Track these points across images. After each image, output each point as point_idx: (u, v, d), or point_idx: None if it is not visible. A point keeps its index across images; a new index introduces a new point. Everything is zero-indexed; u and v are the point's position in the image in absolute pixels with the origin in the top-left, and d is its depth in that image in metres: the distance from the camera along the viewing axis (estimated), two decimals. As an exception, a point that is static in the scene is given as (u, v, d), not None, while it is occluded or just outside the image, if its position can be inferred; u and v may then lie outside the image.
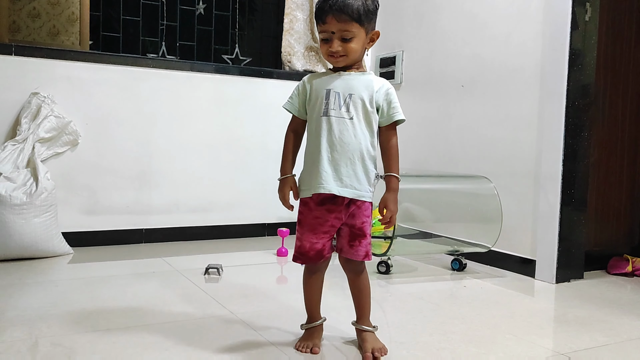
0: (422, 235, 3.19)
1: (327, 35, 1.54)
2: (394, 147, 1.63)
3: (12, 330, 1.73)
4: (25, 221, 2.57)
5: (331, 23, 1.51)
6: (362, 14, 1.51)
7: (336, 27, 1.51)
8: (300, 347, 1.61)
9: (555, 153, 2.52)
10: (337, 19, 1.50)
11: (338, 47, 1.53)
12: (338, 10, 1.50)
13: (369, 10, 1.53)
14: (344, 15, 1.49)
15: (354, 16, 1.50)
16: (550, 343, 1.77)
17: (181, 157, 3.23)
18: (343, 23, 1.50)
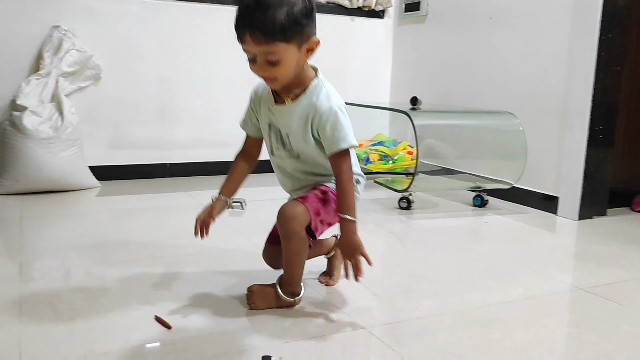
0: (444, 171, 3.18)
1: (251, 56, 1.25)
2: (344, 179, 1.34)
3: (45, 259, 1.80)
4: (53, 155, 2.62)
5: (249, 44, 1.21)
6: (288, 28, 1.19)
7: (256, 49, 1.21)
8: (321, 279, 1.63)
9: (584, 88, 2.45)
10: (255, 40, 1.19)
11: (265, 72, 1.26)
12: (255, 28, 1.18)
13: (297, 20, 1.20)
14: (263, 36, 1.18)
15: (276, 35, 1.18)
16: (570, 278, 1.78)
17: (203, 92, 3.22)
18: (264, 45, 1.19)
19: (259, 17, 1.17)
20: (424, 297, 1.57)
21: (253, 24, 1.17)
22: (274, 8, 1.17)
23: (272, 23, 1.17)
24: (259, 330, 1.33)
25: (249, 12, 1.18)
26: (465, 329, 1.37)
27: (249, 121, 1.50)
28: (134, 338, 1.26)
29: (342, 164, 1.34)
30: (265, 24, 1.17)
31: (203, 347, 1.23)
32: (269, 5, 1.17)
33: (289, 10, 1.18)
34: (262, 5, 1.17)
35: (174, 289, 1.56)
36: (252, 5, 1.18)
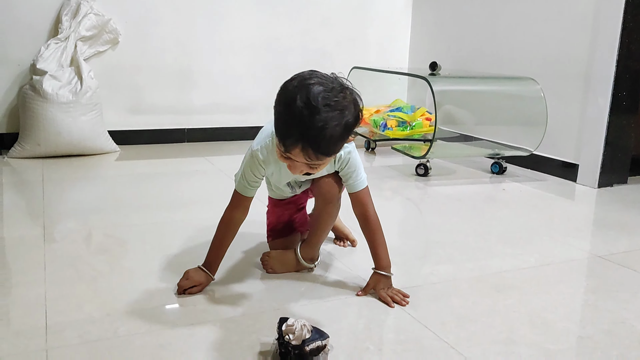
0: (462, 138, 3.15)
1: (287, 156, 1.13)
2: (374, 222, 1.35)
3: (67, 221, 1.84)
4: (73, 119, 2.64)
5: (297, 155, 1.10)
6: (341, 143, 1.12)
7: (303, 160, 1.11)
8: None
9: (609, 53, 2.39)
10: (306, 155, 1.09)
11: (301, 172, 1.17)
12: (308, 145, 1.07)
13: (350, 131, 1.11)
14: (316, 154, 1.08)
15: (330, 154, 1.12)
16: (588, 245, 1.78)
17: (220, 56, 3.20)
18: (315, 161, 1.11)
19: (316, 137, 1.05)
20: (440, 263, 1.58)
21: (308, 142, 1.06)
22: (332, 128, 1.06)
23: (328, 144, 1.08)
24: (276, 293, 1.35)
25: (303, 126, 1.05)
26: (481, 295, 1.38)
27: (254, 186, 1.34)
28: (155, 298, 1.29)
29: (368, 200, 1.35)
30: (322, 146, 1.07)
31: (221, 309, 1.25)
32: (327, 125, 1.05)
33: (345, 127, 1.09)
34: (320, 125, 1.05)
35: (192, 252, 1.59)
36: (308, 119, 1.05)
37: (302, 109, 1.05)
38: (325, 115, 1.05)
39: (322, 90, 1.06)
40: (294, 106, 1.05)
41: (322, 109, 1.05)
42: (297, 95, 1.06)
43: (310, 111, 1.05)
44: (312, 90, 1.06)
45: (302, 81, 1.08)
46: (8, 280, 1.38)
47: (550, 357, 1.10)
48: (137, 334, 1.13)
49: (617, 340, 1.18)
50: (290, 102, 1.06)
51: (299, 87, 1.07)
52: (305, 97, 1.05)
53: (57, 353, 1.05)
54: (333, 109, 1.06)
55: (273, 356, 1.05)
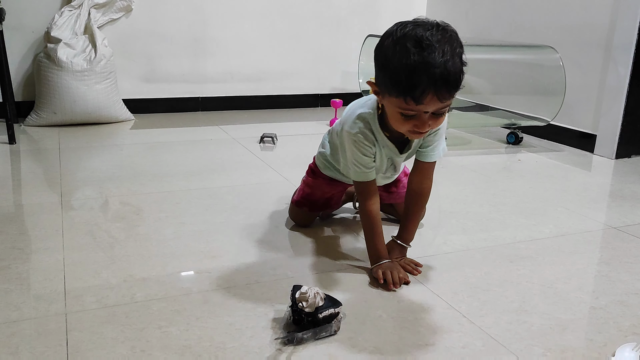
0: (478, 107, 3.11)
1: (415, 114, 1.09)
2: (428, 192, 1.35)
3: (84, 189, 1.86)
4: (88, 87, 2.65)
5: (430, 104, 1.06)
6: (463, 76, 1.08)
7: (437, 106, 1.07)
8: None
9: (631, 20, 2.33)
10: (441, 98, 1.05)
11: (429, 127, 1.12)
12: (443, 84, 1.03)
13: (464, 63, 1.09)
14: (449, 92, 1.06)
15: (459, 88, 1.08)
16: (603, 217, 1.76)
17: (234, 24, 3.17)
18: (448, 100, 1.07)
19: (444, 73, 1.02)
20: (453, 233, 1.58)
21: (439, 82, 1.03)
22: (452, 59, 1.04)
23: (456, 76, 1.05)
24: (290, 261, 1.36)
25: (429, 68, 1.02)
26: (494, 265, 1.38)
27: (372, 167, 1.29)
28: (170, 265, 1.31)
29: (431, 174, 1.35)
30: (452, 80, 1.04)
31: (236, 275, 1.27)
32: (448, 57, 1.03)
33: (460, 57, 1.07)
34: (443, 60, 1.03)
35: (207, 220, 1.61)
36: (430, 59, 1.02)
37: (419, 53, 1.03)
38: (442, 50, 1.03)
39: (425, 30, 1.05)
40: (409, 55, 1.03)
41: (437, 46, 1.03)
42: (406, 44, 1.04)
43: (428, 51, 1.02)
44: (416, 34, 1.04)
45: (398, 34, 1.07)
46: (27, 246, 1.40)
47: (562, 327, 1.10)
48: (154, 300, 1.15)
49: (630, 310, 1.18)
50: (402, 52, 1.04)
51: (402, 38, 1.05)
52: (415, 43, 1.03)
53: (76, 317, 1.08)
54: (444, 42, 1.04)
55: (286, 323, 1.07)
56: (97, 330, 1.04)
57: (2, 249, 1.37)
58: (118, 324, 1.06)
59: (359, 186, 1.30)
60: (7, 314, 1.08)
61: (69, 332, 1.03)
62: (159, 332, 1.04)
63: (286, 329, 1.05)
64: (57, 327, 1.04)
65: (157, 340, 1.01)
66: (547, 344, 1.04)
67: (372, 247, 1.31)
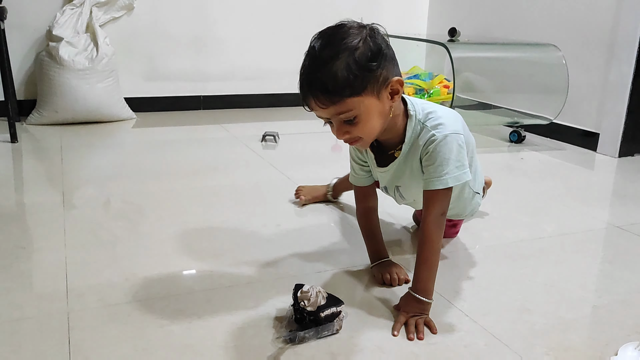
0: (481, 106, 3.11)
1: (325, 120, 1.06)
2: (431, 234, 1.10)
3: (86, 188, 1.86)
4: (90, 86, 2.65)
5: (317, 109, 1.02)
6: (354, 80, 0.97)
7: (325, 112, 1.01)
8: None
9: (634, 18, 2.32)
10: (320, 104, 0.99)
11: (345, 135, 1.04)
12: (316, 90, 0.98)
13: (362, 66, 0.98)
14: (326, 96, 0.98)
15: (341, 92, 0.97)
16: (606, 215, 1.76)
17: (236, 23, 3.17)
18: (331, 107, 0.99)
19: (317, 77, 0.98)
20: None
21: (313, 86, 0.99)
22: (332, 61, 0.97)
23: (333, 79, 0.96)
24: (292, 260, 1.36)
25: (307, 75, 1.00)
26: (496, 263, 1.38)
27: (359, 174, 1.28)
28: (172, 263, 1.31)
29: (434, 208, 1.11)
30: (326, 83, 0.97)
31: (238, 274, 1.27)
32: (325, 60, 0.97)
33: (349, 58, 0.97)
34: (319, 62, 0.98)
35: (209, 218, 1.61)
36: (309, 67, 1.00)
37: (306, 61, 1.01)
38: (323, 53, 0.98)
39: (321, 35, 1.02)
40: (302, 66, 1.02)
41: (320, 51, 0.99)
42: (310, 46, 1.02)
43: (308, 58, 1.01)
44: (312, 42, 1.02)
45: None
46: (29, 245, 1.40)
47: (565, 326, 1.10)
48: (156, 299, 1.15)
49: (633, 310, 1.17)
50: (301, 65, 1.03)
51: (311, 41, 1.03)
52: (308, 51, 1.02)
53: (78, 316, 1.08)
54: (331, 45, 0.98)
55: (288, 322, 1.06)
56: (99, 329, 1.04)
57: (4, 248, 1.37)
58: (120, 322, 1.06)
59: (354, 190, 1.32)
60: (9, 313, 1.08)
61: (71, 331, 1.03)
62: (160, 331, 1.04)
63: (288, 327, 1.05)
64: (59, 325, 1.04)
65: (159, 339, 1.01)
66: (549, 343, 1.04)
67: (369, 247, 1.31)
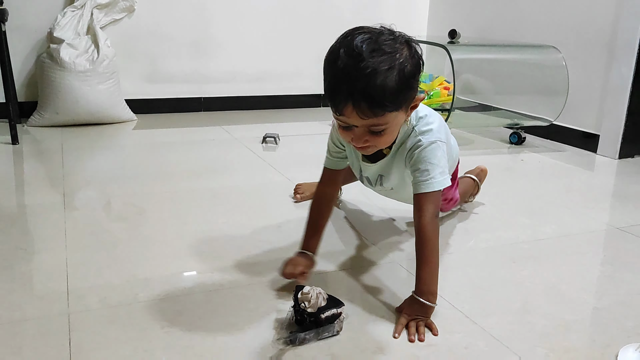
0: (481, 107, 3.11)
1: (346, 125, 1.01)
2: (428, 238, 1.10)
3: (87, 189, 1.86)
4: (90, 88, 2.65)
5: (352, 117, 0.97)
6: (400, 95, 0.96)
7: (360, 122, 0.98)
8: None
9: (634, 20, 2.32)
10: (361, 114, 0.95)
11: (365, 143, 1.03)
12: (360, 99, 0.93)
13: (409, 83, 0.97)
14: (372, 109, 0.95)
15: (387, 107, 0.95)
16: (606, 217, 1.76)
17: (237, 24, 3.17)
18: (372, 118, 0.97)
19: (366, 87, 0.92)
20: (456, 233, 1.58)
21: (358, 95, 0.92)
22: (383, 73, 0.92)
23: (383, 93, 0.93)
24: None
25: (350, 79, 0.93)
26: (496, 265, 1.38)
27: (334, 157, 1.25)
28: (173, 265, 1.31)
29: (426, 209, 1.11)
30: (375, 95, 0.92)
31: (239, 276, 1.27)
32: (377, 70, 0.92)
33: (400, 72, 0.94)
34: (368, 71, 0.92)
35: (209, 220, 1.61)
36: (353, 69, 0.93)
37: (346, 59, 0.94)
38: (373, 61, 0.92)
39: (367, 37, 0.95)
40: (337, 61, 0.95)
41: (368, 55, 0.92)
42: (340, 49, 0.95)
43: (355, 59, 0.93)
44: (355, 39, 0.95)
45: (344, 36, 0.99)
46: (30, 246, 1.41)
47: (565, 328, 1.10)
48: (156, 300, 1.15)
49: (633, 311, 1.17)
50: (333, 58, 0.96)
51: (342, 41, 0.97)
52: (347, 48, 0.95)
53: (79, 317, 1.08)
54: (381, 53, 0.93)
55: (289, 324, 1.06)
56: (100, 331, 1.04)
57: (5, 249, 1.37)
58: (121, 324, 1.06)
59: (323, 171, 1.28)
60: (10, 314, 1.08)
61: (71, 332, 1.03)
62: (161, 332, 1.04)
63: (288, 329, 1.05)
64: (60, 327, 1.05)
65: (160, 341, 1.01)
66: (550, 345, 1.04)
67: (306, 233, 1.26)
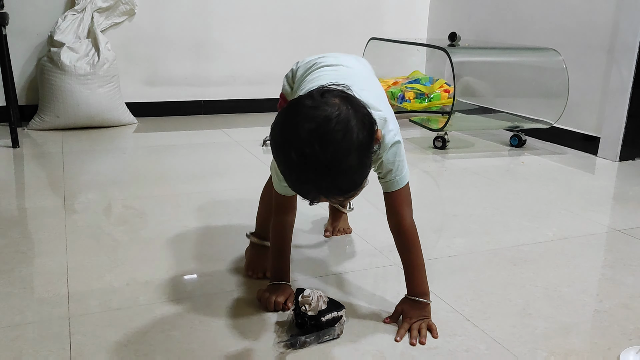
0: (481, 110, 3.11)
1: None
2: (412, 234, 1.11)
3: (87, 192, 1.86)
4: (91, 91, 2.65)
5: (325, 200, 0.94)
6: (365, 167, 0.90)
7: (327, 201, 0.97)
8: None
9: (634, 22, 2.33)
10: (334, 198, 0.93)
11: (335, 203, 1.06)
12: (334, 193, 0.89)
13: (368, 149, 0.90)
14: (343, 195, 0.91)
15: (358, 184, 0.90)
16: (607, 219, 1.76)
17: (237, 27, 3.18)
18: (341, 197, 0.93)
19: (333, 182, 0.87)
20: (457, 236, 1.58)
21: (326, 191, 0.88)
22: (345, 163, 0.86)
23: (352, 179, 0.88)
24: (293, 265, 1.36)
25: (311, 180, 0.87)
26: (497, 268, 1.38)
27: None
28: (173, 268, 1.31)
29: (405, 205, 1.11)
30: (344, 186, 0.88)
31: (239, 279, 1.27)
32: (340, 165, 0.85)
33: (358, 150, 0.87)
34: (326, 169, 0.85)
35: (210, 223, 1.61)
36: (312, 173, 0.86)
37: (302, 168, 0.86)
38: (327, 160, 0.84)
39: (305, 137, 0.84)
40: (293, 167, 0.87)
41: (321, 158, 0.84)
42: (290, 154, 0.86)
43: (312, 168, 0.85)
44: (298, 142, 0.85)
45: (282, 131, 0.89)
46: (31, 250, 1.40)
47: (566, 330, 1.10)
48: (156, 303, 1.15)
49: (634, 314, 1.17)
50: (287, 162, 0.88)
51: (286, 143, 0.87)
52: (297, 154, 0.85)
53: (79, 320, 1.08)
54: (329, 148, 0.84)
55: (289, 326, 1.06)
56: (100, 334, 1.04)
57: (5, 253, 1.37)
58: (121, 327, 1.06)
59: (276, 199, 1.15)
60: (10, 318, 1.08)
61: (72, 336, 1.03)
62: (162, 336, 1.04)
63: (289, 332, 1.05)
64: (60, 330, 1.04)
65: (160, 344, 1.01)
66: (551, 348, 1.04)
67: (275, 264, 1.19)
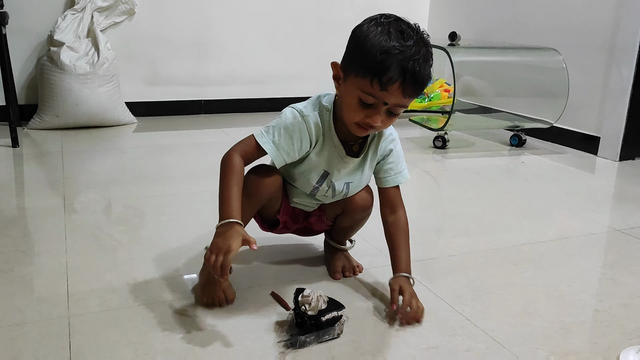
0: (481, 110, 3.11)
1: (374, 102, 1.01)
2: (405, 224, 1.23)
3: (87, 192, 1.86)
4: (91, 91, 2.65)
5: (394, 94, 0.99)
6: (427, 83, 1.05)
7: (397, 101, 1.01)
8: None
9: (634, 22, 2.33)
10: (406, 93, 1.00)
11: (382, 123, 1.05)
12: (412, 79, 0.98)
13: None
14: (415, 92, 1.01)
15: (421, 91, 1.05)
16: (607, 219, 1.76)
17: (237, 27, 3.18)
18: (407, 99, 1.02)
19: (418, 69, 0.98)
20: (457, 236, 1.58)
21: (410, 75, 0.98)
22: (429, 60, 1.01)
23: (427, 78, 1.02)
24: (293, 265, 1.36)
25: (405, 58, 0.97)
26: (497, 268, 1.38)
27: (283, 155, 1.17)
28: (173, 267, 1.31)
29: (400, 200, 1.23)
30: (422, 79, 1.00)
31: (240, 279, 1.27)
32: (426, 56, 1.01)
33: (431, 65, 1.02)
34: (421, 55, 0.99)
35: (210, 223, 1.60)
36: (408, 49, 0.98)
37: (399, 40, 0.98)
38: (419, 49, 0.99)
39: (408, 27, 1.02)
40: (390, 38, 0.98)
41: (419, 39, 1.00)
42: (389, 30, 1.00)
43: (409, 43, 0.98)
44: (400, 26, 1.01)
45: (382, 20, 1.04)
46: (30, 249, 1.40)
47: (566, 330, 1.10)
48: (156, 303, 1.15)
49: (634, 313, 1.17)
50: (382, 36, 0.99)
51: (386, 24, 1.02)
52: (397, 31, 1.00)
53: (79, 320, 1.08)
54: (421, 45, 1.00)
55: (289, 326, 1.06)
56: (100, 334, 1.04)
57: (5, 252, 1.37)
58: (121, 327, 1.06)
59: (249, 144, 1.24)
60: (10, 317, 1.08)
61: (72, 335, 1.03)
62: (162, 336, 1.04)
63: (289, 332, 1.05)
64: (60, 330, 1.04)
65: (160, 344, 1.01)
66: (550, 347, 1.04)
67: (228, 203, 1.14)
